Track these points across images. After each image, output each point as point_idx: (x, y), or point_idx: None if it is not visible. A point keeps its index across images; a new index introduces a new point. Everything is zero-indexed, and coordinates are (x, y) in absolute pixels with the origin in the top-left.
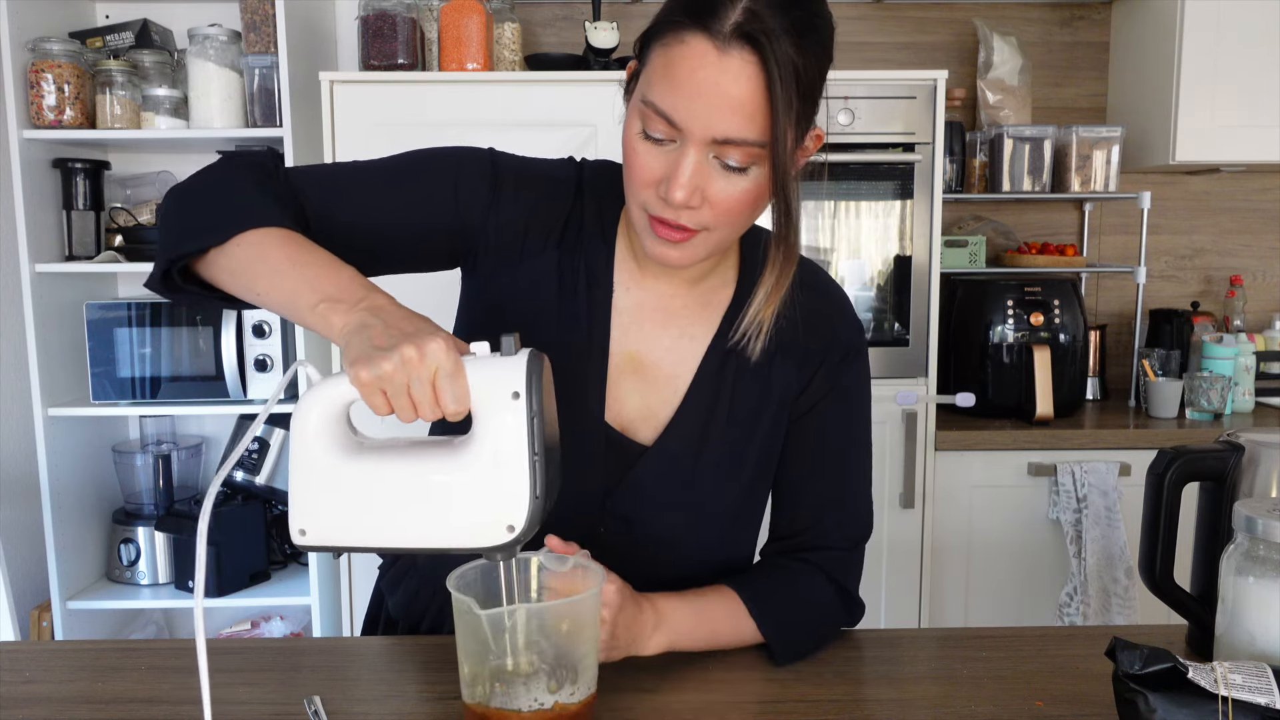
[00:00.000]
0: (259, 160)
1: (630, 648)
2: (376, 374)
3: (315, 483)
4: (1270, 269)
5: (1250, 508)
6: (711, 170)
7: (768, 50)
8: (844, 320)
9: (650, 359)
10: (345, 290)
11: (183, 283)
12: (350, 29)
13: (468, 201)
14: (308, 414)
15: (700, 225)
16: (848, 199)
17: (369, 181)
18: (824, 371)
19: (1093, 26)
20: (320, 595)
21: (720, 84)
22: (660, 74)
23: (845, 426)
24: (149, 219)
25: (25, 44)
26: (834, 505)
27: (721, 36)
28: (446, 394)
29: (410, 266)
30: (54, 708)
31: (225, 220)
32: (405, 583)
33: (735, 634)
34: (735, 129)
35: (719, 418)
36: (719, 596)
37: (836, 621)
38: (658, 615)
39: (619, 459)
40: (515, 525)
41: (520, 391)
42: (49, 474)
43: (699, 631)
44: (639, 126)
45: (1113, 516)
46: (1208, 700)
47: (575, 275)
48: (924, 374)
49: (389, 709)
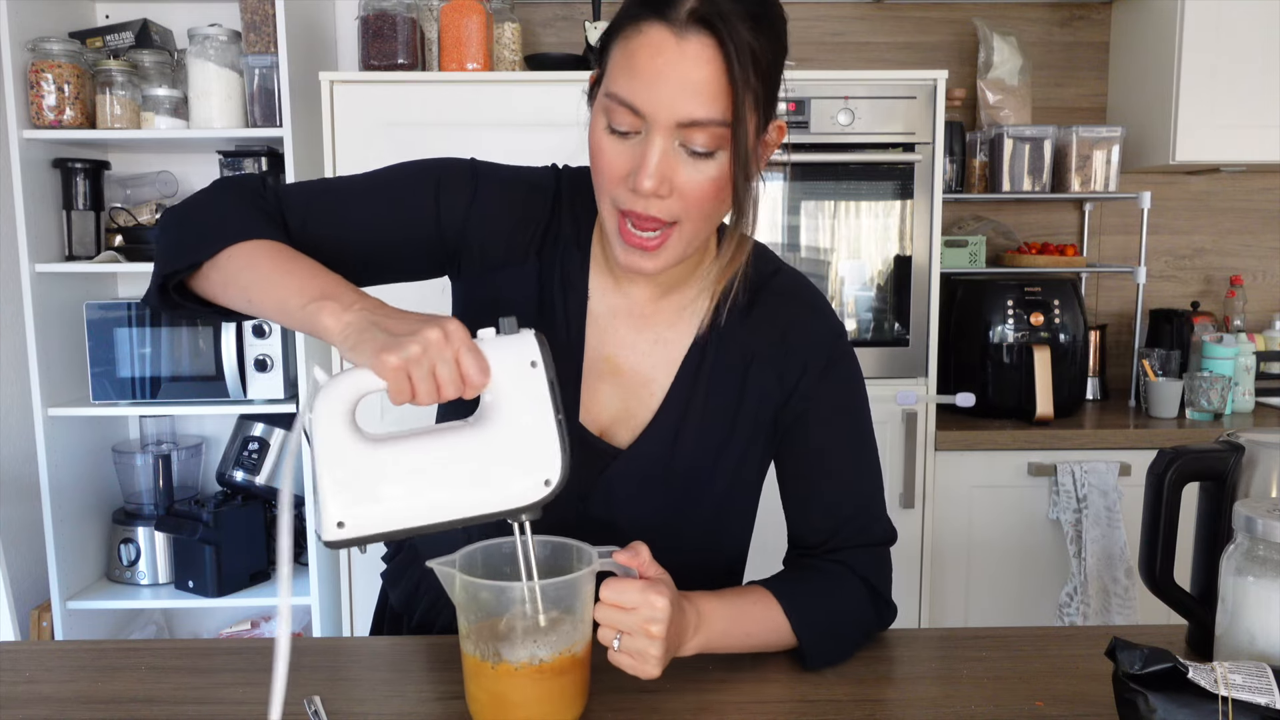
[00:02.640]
0: (247, 181)
1: (674, 653)
2: (405, 357)
3: (347, 474)
4: (1270, 269)
5: (1250, 508)
6: (678, 158)
7: (724, 33)
8: (824, 326)
9: (626, 364)
10: (332, 291)
11: (180, 298)
12: (350, 29)
13: (448, 211)
14: (332, 410)
15: (671, 216)
16: (848, 199)
17: (352, 196)
18: (809, 379)
19: (1093, 26)
20: (320, 595)
21: (680, 68)
22: (621, 66)
23: (844, 431)
24: (149, 219)
25: (25, 44)
26: (850, 511)
27: (679, 23)
28: (472, 366)
29: (397, 277)
30: (54, 708)
31: (214, 236)
32: (407, 576)
33: (768, 637)
34: (699, 110)
35: (693, 423)
36: (756, 597)
37: (869, 626)
38: (699, 617)
39: (594, 462)
40: (551, 479)
41: (537, 360)
42: (49, 474)
43: (734, 633)
44: (604, 122)
45: (1113, 516)
46: (1208, 700)
47: (553, 280)
48: (924, 374)
49: (389, 709)
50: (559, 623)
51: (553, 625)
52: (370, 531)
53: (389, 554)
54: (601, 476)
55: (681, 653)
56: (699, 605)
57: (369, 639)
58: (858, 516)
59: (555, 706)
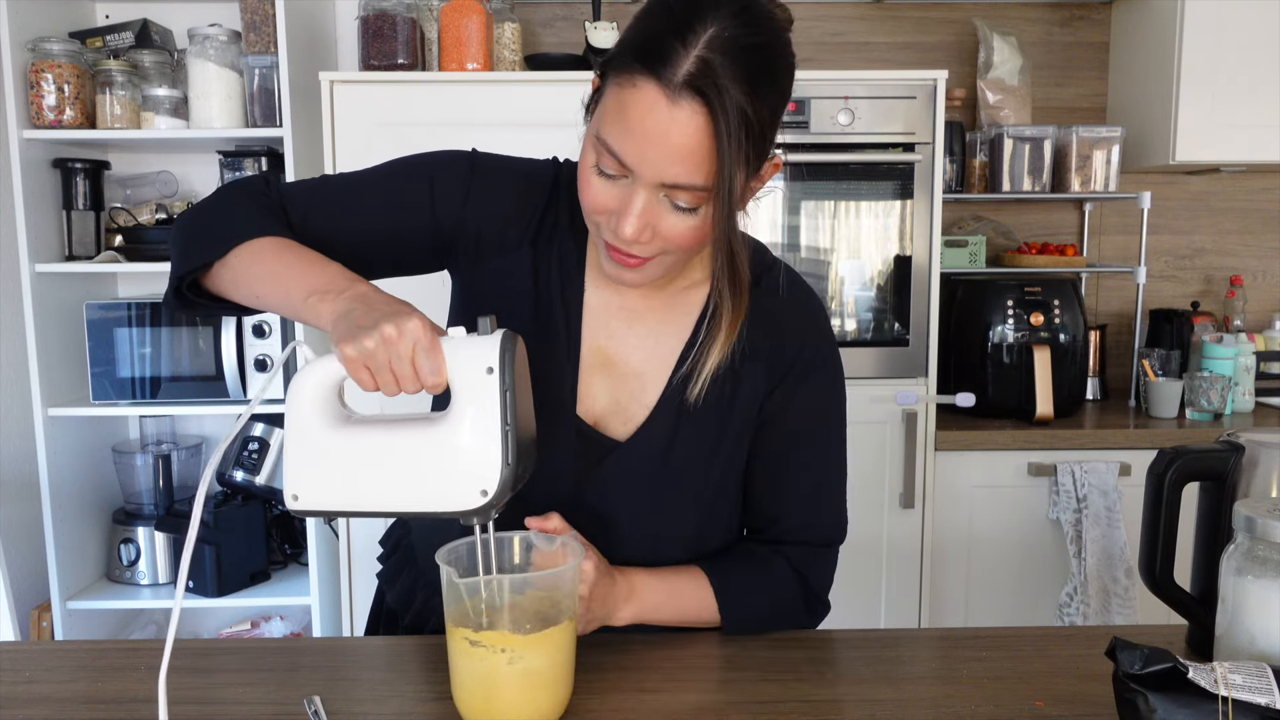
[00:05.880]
0: (251, 182)
1: (604, 619)
2: (360, 350)
3: (306, 452)
4: (1270, 269)
5: (1250, 508)
6: (662, 209)
7: (716, 103)
8: (815, 329)
9: (619, 356)
10: (332, 282)
11: (195, 297)
12: (350, 29)
13: (444, 201)
14: (301, 389)
15: (654, 254)
16: (848, 199)
17: (351, 190)
18: (792, 376)
19: (1093, 26)
20: (320, 595)
21: (670, 133)
22: (613, 114)
23: (814, 431)
24: (149, 219)
25: (25, 44)
26: (804, 506)
27: (673, 86)
28: (424, 367)
29: (398, 269)
30: (54, 708)
31: (222, 236)
32: (403, 576)
33: (701, 611)
34: (684, 176)
35: (689, 417)
36: (689, 575)
37: (794, 615)
38: (630, 587)
39: (590, 452)
40: (488, 490)
41: (494, 367)
42: (49, 474)
43: (667, 606)
44: (593, 159)
45: (1113, 516)
46: (1208, 700)
47: (549, 270)
48: (924, 374)
49: (389, 709)
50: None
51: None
52: (321, 507)
53: (385, 554)
54: (598, 468)
55: (615, 622)
56: (631, 578)
57: (369, 639)
58: (804, 513)
59: (535, 693)
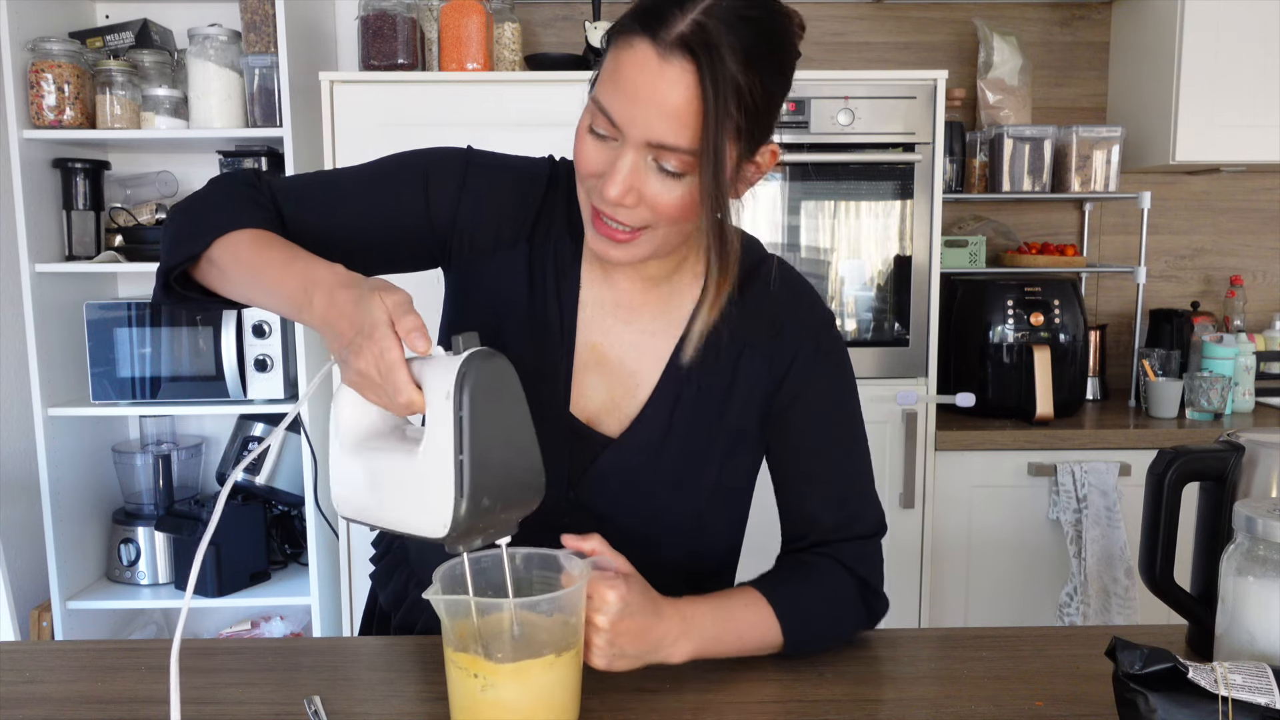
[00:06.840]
0: (242, 175)
1: (649, 656)
2: (355, 372)
3: (332, 461)
4: (1270, 269)
5: (1250, 508)
6: (648, 172)
7: (705, 63)
8: (813, 314)
9: (613, 354)
10: (305, 287)
11: (185, 291)
12: (350, 29)
13: (438, 199)
14: (340, 406)
15: (639, 223)
16: (848, 199)
17: (344, 186)
18: (799, 367)
19: (1093, 26)
20: (320, 595)
21: (658, 90)
22: (608, 75)
23: (833, 422)
24: (149, 219)
25: (25, 44)
26: (839, 503)
27: (665, 44)
28: (385, 389)
29: (390, 267)
30: (54, 708)
31: (205, 229)
32: (395, 577)
33: (762, 640)
34: (669, 135)
35: (683, 414)
36: (746, 599)
37: (856, 620)
38: (684, 622)
39: (583, 450)
40: (445, 523)
41: (450, 392)
42: (49, 474)
43: (725, 638)
44: (588, 121)
45: (1113, 516)
46: (1208, 700)
47: (544, 268)
48: (924, 374)
49: (389, 709)
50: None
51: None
52: (340, 513)
53: (377, 555)
54: (591, 466)
55: (669, 660)
56: (684, 610)
57: (369, 639)
58: (846, 508)
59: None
